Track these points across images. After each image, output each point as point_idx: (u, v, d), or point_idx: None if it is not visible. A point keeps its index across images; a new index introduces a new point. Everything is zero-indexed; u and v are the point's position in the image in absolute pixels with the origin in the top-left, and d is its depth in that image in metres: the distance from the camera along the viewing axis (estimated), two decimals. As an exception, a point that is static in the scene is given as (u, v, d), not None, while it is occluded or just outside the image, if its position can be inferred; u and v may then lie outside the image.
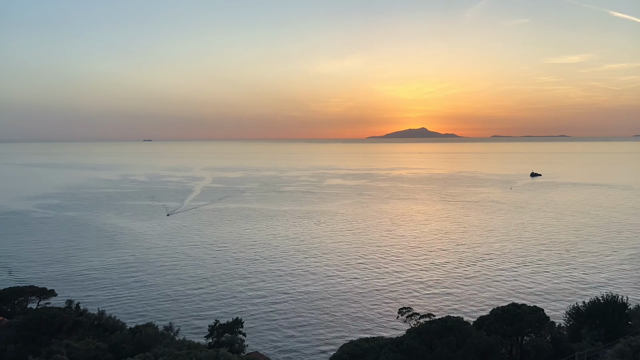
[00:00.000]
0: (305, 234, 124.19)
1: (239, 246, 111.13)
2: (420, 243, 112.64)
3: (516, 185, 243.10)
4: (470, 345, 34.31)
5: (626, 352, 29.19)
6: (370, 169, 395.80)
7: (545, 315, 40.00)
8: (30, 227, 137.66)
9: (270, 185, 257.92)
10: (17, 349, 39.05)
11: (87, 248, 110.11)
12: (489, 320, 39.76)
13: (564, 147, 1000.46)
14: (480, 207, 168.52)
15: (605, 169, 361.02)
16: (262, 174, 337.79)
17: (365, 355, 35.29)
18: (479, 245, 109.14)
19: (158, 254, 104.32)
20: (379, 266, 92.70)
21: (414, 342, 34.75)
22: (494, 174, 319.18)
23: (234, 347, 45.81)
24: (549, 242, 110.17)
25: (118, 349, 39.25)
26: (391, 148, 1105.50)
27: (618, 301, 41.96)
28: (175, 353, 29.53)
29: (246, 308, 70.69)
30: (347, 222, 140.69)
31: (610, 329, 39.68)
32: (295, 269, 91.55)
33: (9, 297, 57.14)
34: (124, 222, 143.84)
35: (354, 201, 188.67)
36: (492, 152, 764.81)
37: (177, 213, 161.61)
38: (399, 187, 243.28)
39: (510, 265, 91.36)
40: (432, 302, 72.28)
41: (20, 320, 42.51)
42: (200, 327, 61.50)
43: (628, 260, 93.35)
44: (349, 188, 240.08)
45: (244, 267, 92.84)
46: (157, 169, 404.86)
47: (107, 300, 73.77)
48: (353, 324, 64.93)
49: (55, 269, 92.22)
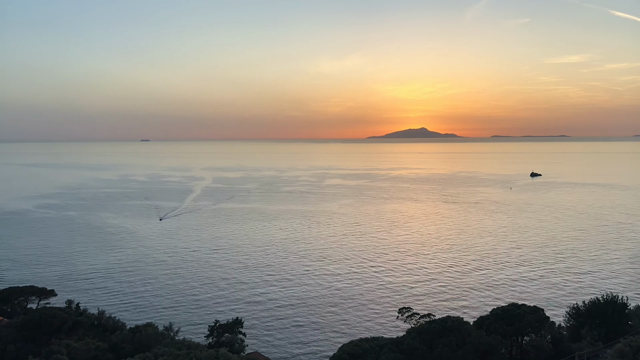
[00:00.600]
0: (305, 234, 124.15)
1: (239, 246, 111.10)
2: (420, 243, 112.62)
3: (516, 185, 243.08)
4: (470, 345, 34.31)
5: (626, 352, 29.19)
6: (370, 168, 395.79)
7: (545, 315, 40.01)
8: (30, 227, 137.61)
9: (270, 185, 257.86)
10: (17, 349, 39.05)
11: (87, 248, 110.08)
12: (489, 320, 39.77)
13: (563, 147, 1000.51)
14: (480, 207, 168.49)
15: (605, 169, 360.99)
16: (262, 174, 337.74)
17: (365, 355, 35.29)
18: (478, 245, 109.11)
19: (158, 254, 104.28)
20: (379, 266, 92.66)
21: (414, 342, 34.75)
22: (493, 174, 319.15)
23: (234, 347, 45.80)
24: (549, 242, 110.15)
25: (118, 349, 39.27)
26: (391, 148, 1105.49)
27: (618, 301, 41.97)
28: (175, 353, 29.53)
29: (246, 308, 70.67)
30: (346, 222, 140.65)
31: (610, 329, 39.69)
32: (295, 269, 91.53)
33: (9, 297, 57.13)
34: (124, 222, 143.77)
35: (353, 201, 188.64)
36: (492, 152, 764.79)
37: (177, 213, 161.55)
38: (399, 187, 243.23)
39: (510, 265, 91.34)
40: (432, 302, 72.27)
41: (20, 320, 42.50)
42: (200, 327, 61.50)
43: (628, 260, 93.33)
44: (348, 188, 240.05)
45: (244, 267, 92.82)
46: (157, 169, 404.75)
47: (107, 300, 73.76)
48: (353, 324, 64.92)
49: (55, 269, 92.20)
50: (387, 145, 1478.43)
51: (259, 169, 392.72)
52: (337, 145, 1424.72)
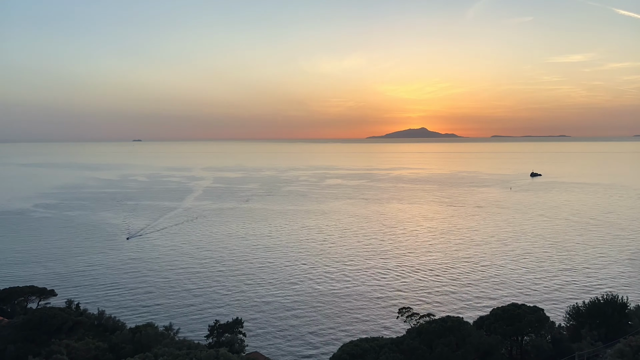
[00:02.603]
0: (304, 234, 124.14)
1: (239, 246, 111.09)
2: (420, 243, 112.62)
3: (516, 185, 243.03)
4: (470, 345, 34.32)
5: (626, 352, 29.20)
6: (370, 168, 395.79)
7: (545, 315, 40.01)
8: (30, 227, 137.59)
9: (270, 185, 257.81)
10: (17, 349, 39.06)
11: (87, 248, 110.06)
12: (489, 320, 39.79)
13: (564, 147, 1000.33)
14: (480, 207, 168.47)
15: (605, 169, 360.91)
16: (261, 174, 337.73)
17: (365, 355, 35.27)
18: (478, 245, 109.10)
19: (158, 253, 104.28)
20: (379, 266, 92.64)
21: (414, 342, 34.76)
22: (493, 174, 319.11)
23: (234, 347, 45.79)
24: (549, 242, 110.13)
25: (118, 349, 39.27)
26: (391, 148, 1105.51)
27: (618, 301, 42.01)
28: (175, 353, 29.52)
29: (246, 308, 70.66)
30: (346, 222, 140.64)
31: (610, 329, 39.73)
32: (295, 269, 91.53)
33: (9, 297, 57.11)
34: (124, 222, 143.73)
35: (353, 201, 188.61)
36: (491, 152, 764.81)
37: (177, 214, 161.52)
38: (399, 187, 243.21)
39: (510, 265, 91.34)
40: (432, 302, 72.27)
41: (20, 320, 42.50)
42: (200, 327, 61.47)
43: (628, 260, 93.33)
44: (348, 188, 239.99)
45: (245, 267, 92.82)
46: (157, 169, 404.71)
47: (107, 300, 73.74)
48: (353, 324, 64.91)
49: (55, 269, 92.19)
50: (387, 145, 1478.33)
51: (258, 169, 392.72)
52: (337, 145, 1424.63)
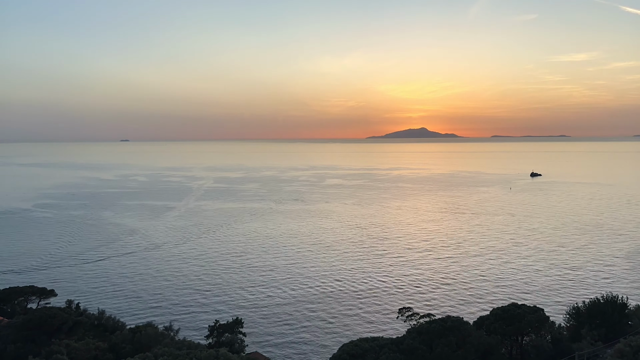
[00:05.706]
0: (304, 234, 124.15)
1: (239, 246, 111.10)
2: (420, 243, 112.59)
3: (516, 185, 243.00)
4: (470, 345, 34.33)
5: (626, 352, 29.19)
6: (370, 168, 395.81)
7: (545, 315, 40.00)
8: (29, 226, 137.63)
9: (270, 185, 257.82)
10: (17, 349, 39.04)
11: (87, 248, 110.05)
12: (489, 320, 39.77)
13: (564, 147, 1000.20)
14: (479, 207, 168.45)
15: (605, 169, 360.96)
16: (262, 174, 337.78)
17: (365, 355, 35.28)
18: (478, 245, 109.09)
19: (158, 253, 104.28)
20: (379, 266, 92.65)
21: (414, 342, 34.76)
22: (493, 174, 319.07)
23: (234, 347, 45.78)
24: (549, 242, 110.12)
25: (118, 349, 39.27)
26: (391, 148, 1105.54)
27: (618, 301, 42.00)
28: (175, 353, 29.50)
29: (246, 308, 70.66)
30: (346, 222, 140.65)
31: (610, 329, 39.71)
32: (295, 268, 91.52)
33: (9, 297, 57.05)
34: (124, 222, 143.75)
35: (353, 201, 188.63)
36: (491, 152, 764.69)
37: (177, 214, 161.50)
38: (399, 187, 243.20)
39: (510, 265, 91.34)
40: (432, 302, 72.27)
41: (20, 320, 42.48)
42: (200, 327, 61.48)
43: (628, 260, 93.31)
44: (349, 188, 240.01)
45: (245, 267, 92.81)
46: (156, 169, 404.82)
47: (107, 300, 73.72)
48: (353, 324, 64.92)
49: (55, 269, 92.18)
50: (388, 145, 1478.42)
51: (258, 169, 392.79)
52: (338, 145, 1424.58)
